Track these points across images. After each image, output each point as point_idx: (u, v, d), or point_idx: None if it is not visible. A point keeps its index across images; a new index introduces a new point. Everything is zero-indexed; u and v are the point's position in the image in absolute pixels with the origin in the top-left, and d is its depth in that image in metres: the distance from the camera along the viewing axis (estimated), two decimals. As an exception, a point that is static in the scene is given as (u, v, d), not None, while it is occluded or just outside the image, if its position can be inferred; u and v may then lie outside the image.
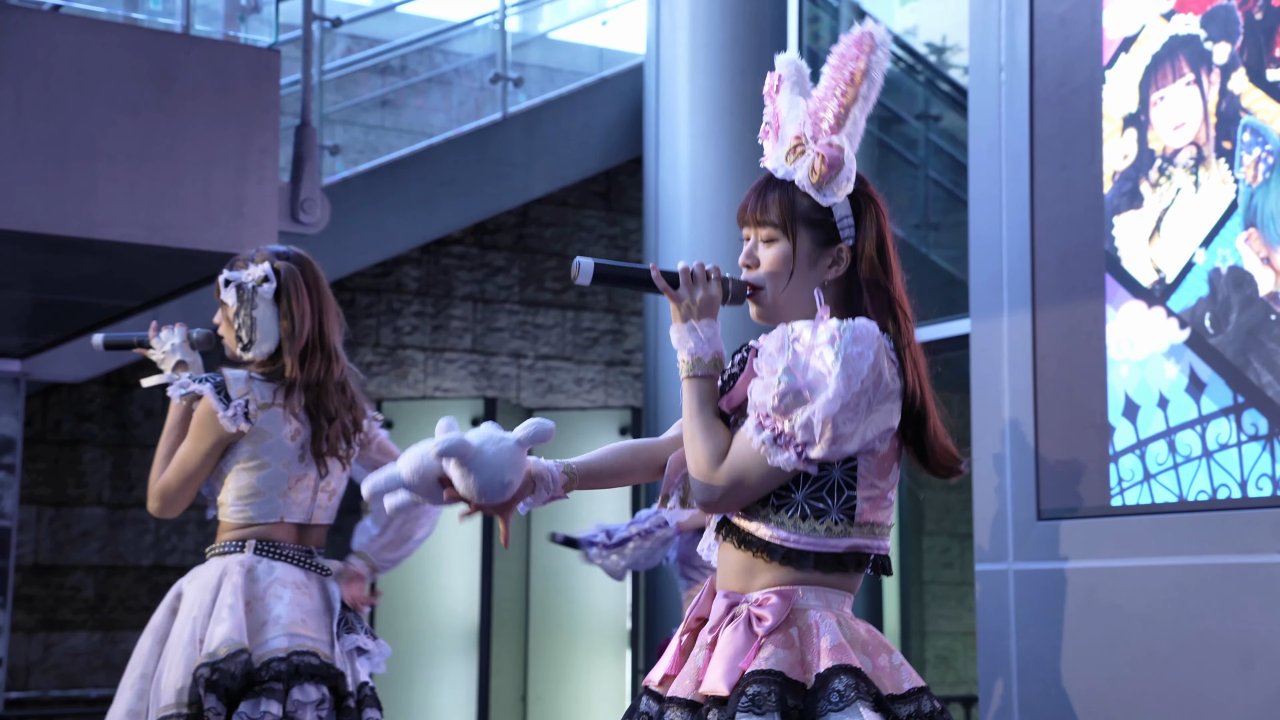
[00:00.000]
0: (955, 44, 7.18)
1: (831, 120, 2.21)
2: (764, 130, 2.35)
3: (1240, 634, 3.83)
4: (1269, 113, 3.88)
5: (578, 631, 7.51)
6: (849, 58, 2.22)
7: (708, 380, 2.18)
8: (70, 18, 5.18)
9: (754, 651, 2.09)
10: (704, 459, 2.14)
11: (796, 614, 2.13)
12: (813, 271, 2.22)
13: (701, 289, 2.17)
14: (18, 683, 7.16)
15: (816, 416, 2.06)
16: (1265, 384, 3.83)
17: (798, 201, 2.22)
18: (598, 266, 2.15)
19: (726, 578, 2.21)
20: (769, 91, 2.36)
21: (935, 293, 6.77)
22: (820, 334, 2.09)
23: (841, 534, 2.15)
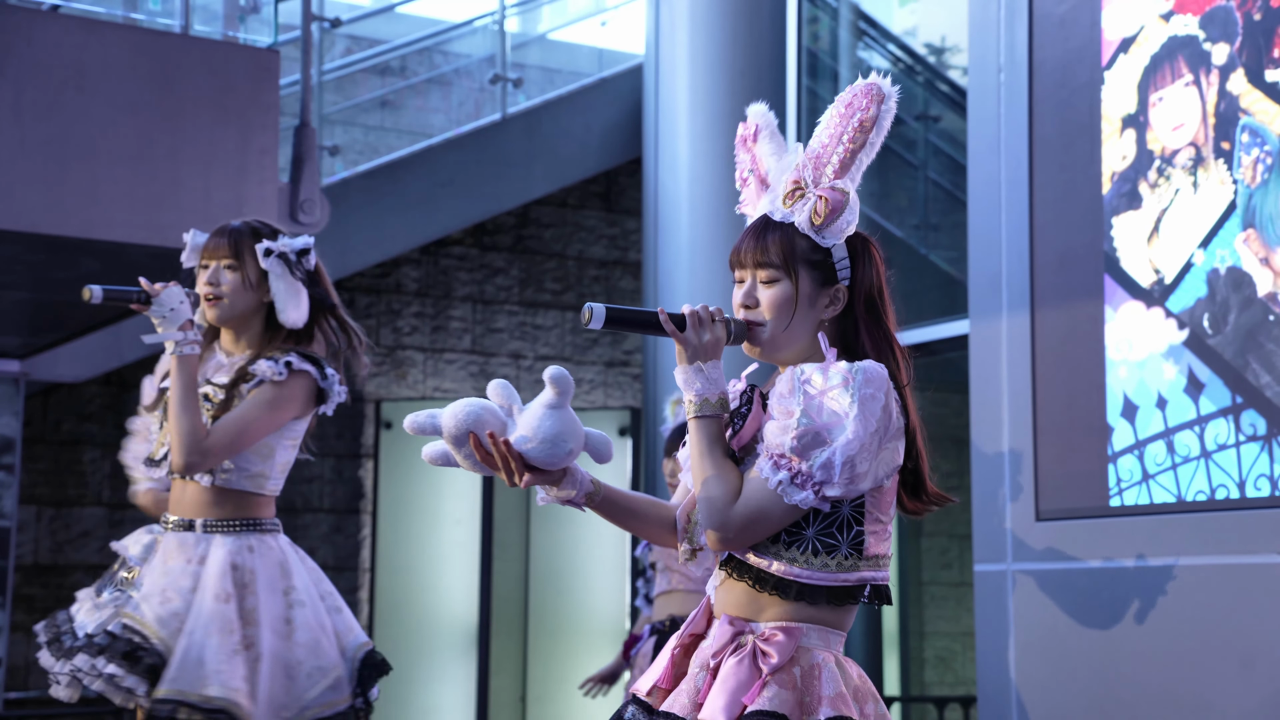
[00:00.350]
0: (954, 45, 7.18)
1: (837, 165, 2.27)
2: (742, 178, 2.41)
3: (1239, 634, 3.83)
4: (1268, 113, 3.89)
5: (577, 632, 7.51)
6: (859, 106, 2.28)
7: (715, 420, 2.23)
8: (70, 18, 5.18)
9: (758, 688, 2.13)
10: (719, 498, 2.17)
11: (800, 653, 2.18)
12: (812, 311, 2.27)
13: (708, 332, 2.22)
14: (17, 683, 7.16)
15: (837, 457, 2.11)
16: (1264, 385, 3.84)
17: (797, 243, 2.26)
18: (609, 311, 2.21)
19: (729, 605, 2.25)
20: (745, 139, 2.41)
21: (934, 293, 6.77)
22: (833, 377, 2.15)
23: (851, 568, 2.21)
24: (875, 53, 7.48)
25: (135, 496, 3.84)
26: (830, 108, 2.31)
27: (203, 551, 3.40)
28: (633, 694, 2.29)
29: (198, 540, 3.41)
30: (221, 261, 3.46)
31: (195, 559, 3.39)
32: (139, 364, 7.46)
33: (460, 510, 7.28)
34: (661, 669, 2.27)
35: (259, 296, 3.45)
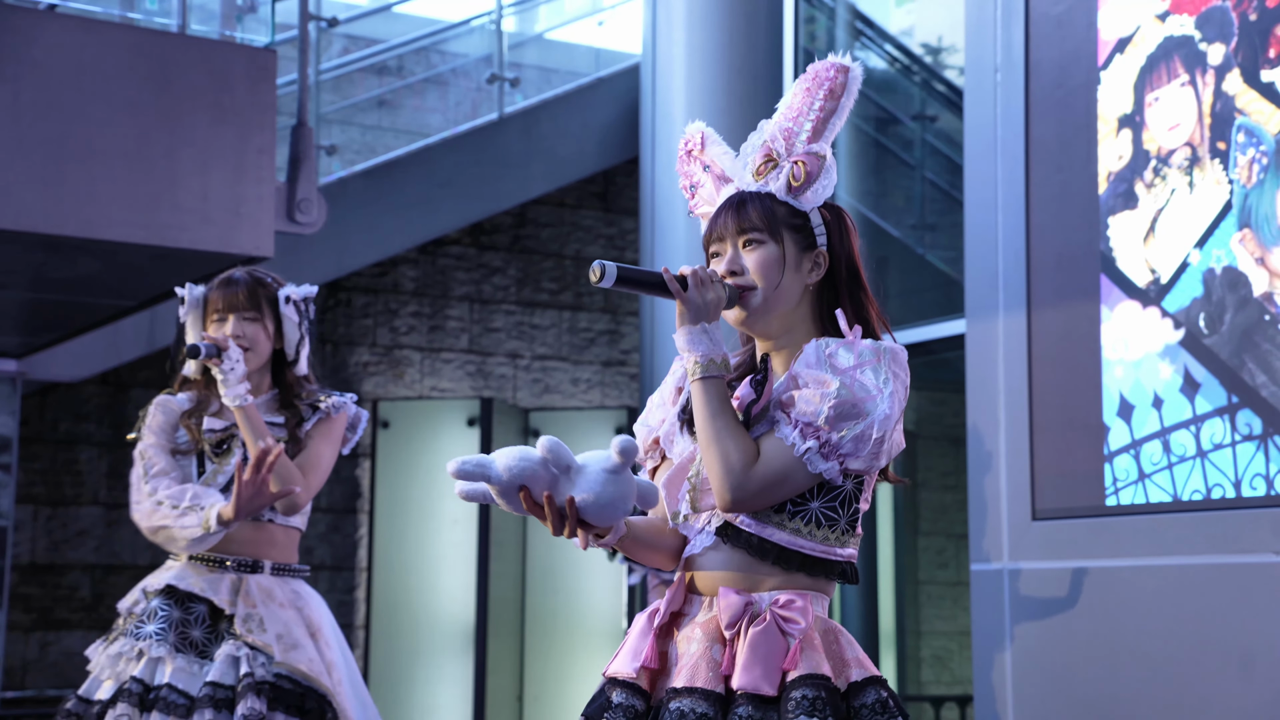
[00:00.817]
0: (951, 45, 7.19)
1: (810, 130, 2.29)
2: (693, 184, 2.43)
3: (1235, 634, 3.84)
4: (1263, 113, 3.89)
5: (574, 631, 7.52)
6: (825, 77, 2.30)
7: (720, 381, 2.21)
8: (67, 17, 5.18)
9: (795, 653, 2.13)
10: (736, 459, 2.16)
11: (815, 618, 2.20)
12: (797, 274, 2.28)
13: (710, 291, 2.21)
14: (14, 682, 7.16)
15: (872, 432, 2.14)
16: (1259, 384, 3.84)
17: (776, 209, 2.28)
18: (619, 269, 2.19)
19: (722, 578, 2.23)
20: (689, 151, 2.44)
21: (931, 293, 6.78)
22: (862, 353, 2.18)
23: (844, 543, 2.24)
24: (872, 52, 7.49)
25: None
26: (793, 86, 2.34)
27: (285, 596, 3.43)
28: (612, 677, 2.25)
29: (280, 583, 3.46)
30: (243, 313, 3.47)
31: (289, 604, 3.43)
32: (136, 364, 7.47)
33: (457, 510, 7.29)
34: (645, 650, 2.23)
35: (270, 345, 3.52)
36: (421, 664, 7.33)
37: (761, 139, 2.33)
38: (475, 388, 8.38)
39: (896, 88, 7.45)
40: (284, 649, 3.32)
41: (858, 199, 7.04)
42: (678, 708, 2.13)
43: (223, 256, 5.18)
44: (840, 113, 2.30)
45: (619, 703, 2.20)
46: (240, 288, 3.49)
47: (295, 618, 3.39)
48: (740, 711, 2.11)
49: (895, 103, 7.37)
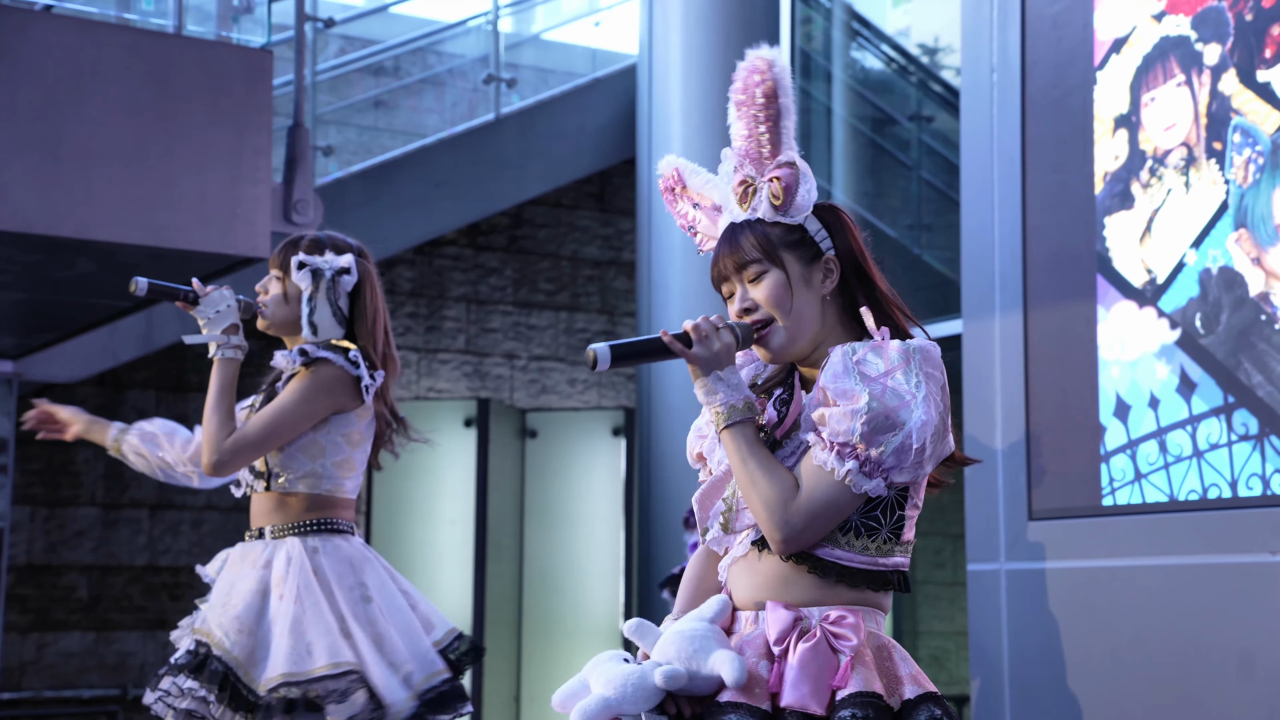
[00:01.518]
0: (948, 45, 7.19)
1: (769, 145, 2.21)
2: (689, 224, 2.38)
3: (1232, 634, 3.84)
4: (1259, 114, 3.89)
5: (571, 631, 7.52)
6: (752, 83, 2.22)
7: (748, 424, 2.14)
8: (63, 18, 5.17)
9: (845, 671, 2.06)
10: (776, 499, 2.08)
11: (867, 635, 2.12)
12: (810, 290, 2.21)
13: (716, 341, 2.15)
14: (11, 683, 7.16)
15: (913, 441, 2.05)
16: (1256, 384, 3.84)
17: (770, 232, 2.21)
18: (613, 350, 2.12)
19: (763, 590, 2.16)
20: (672, 188, 2.37)
21: (928, 293, 6.78)
22: (892, 356, 2.09)
23: (888, 552, 2.15)
24: (868, 53, 7.49)
25: None
26: (730, 107, 2.25)
27: (269, 556, 3.42)
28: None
29: (265, 546, 3.44)
30: (274, 271, 3.54)
31: (261, 564, 3.41)
32: (133, 365, 7.46)
33: (455, 511, 7.28)
34: None
35: (298, 310, 3.49)
36: (419, 664, 7.33)
37: (731, 166, 2.25)
38: (472, 388, 8.38)
39: (893, 88, 7.45)
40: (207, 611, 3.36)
41: (854, 199, 7.05)
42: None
43: (219, 257, 5.18)
44: (786, 112, 2.21)
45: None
46: (281, 247, 3.53)
47: (248, 575, 3.38)
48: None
49: (892, 103, 7.38)
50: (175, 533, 7.57)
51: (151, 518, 7.55)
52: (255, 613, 3.34)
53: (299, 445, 3.43)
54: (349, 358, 3.42)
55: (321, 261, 3.47)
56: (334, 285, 3.47)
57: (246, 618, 3.33)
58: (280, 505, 3.44)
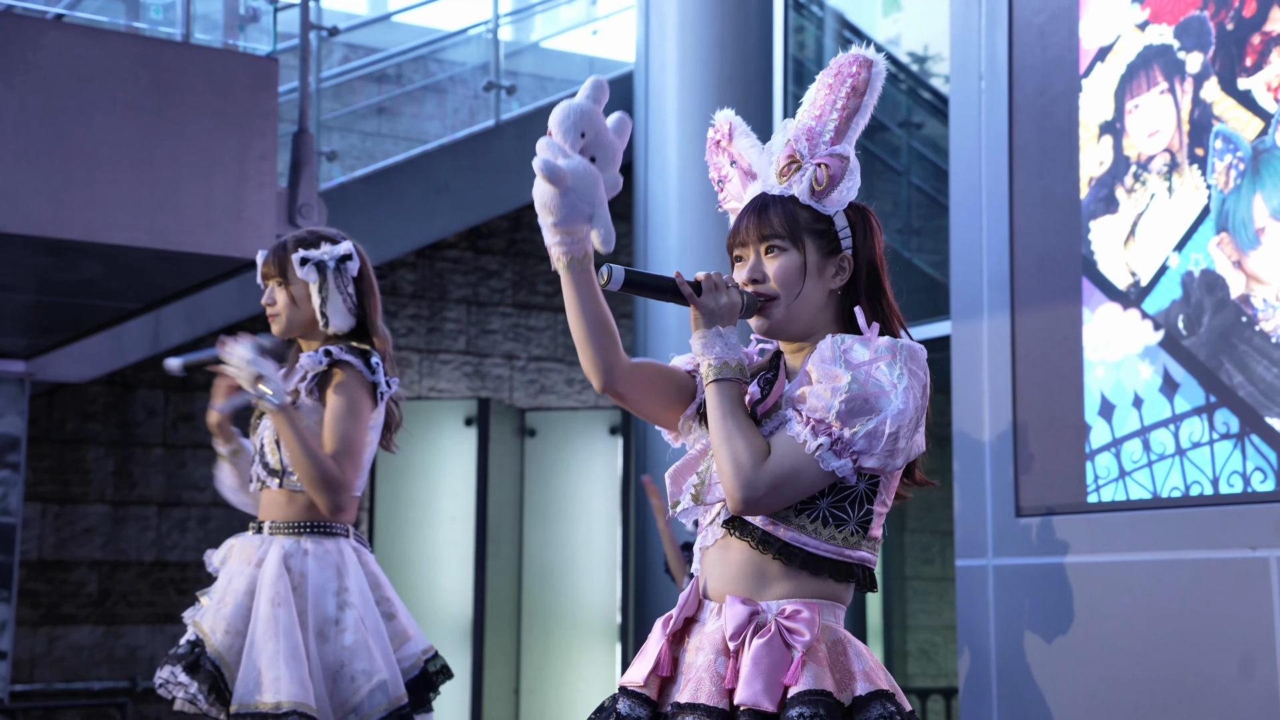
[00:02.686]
0: (937, 53, 7.19)
1: (833, 131, 2.21)
2: (721, 176, 2.36)
3: (1214, 627, 3.84)
4: (1240, 120, 3.90)
5: (569, 625, 7.52)
6: (848, 73, 2.22)
7: (736, 384, 2.13)
8: (73, 27, 5.17)
9: (796, 668, 2.04)
10: (746, 459, 2.07)
11: (822, 629, 2.11)
12: (820, 280, 2.21)
13: (724, 295, 2.15)
14: (22, 675, 7.15)
15: (886, 427, 2.04)
16: (1236, 384, 3.85)
17: (799, 214, 2.20)
18: (628, 274, 2.13)
19: (728, 581, 2.15)
20: (718, 142, 2.36)
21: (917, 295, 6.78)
22: (879, 349, 2.09)
23: (855, 545, 2.14)
24: (859, 61, 7.49)
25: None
26: (815, 83, 2.25)
27: (262, 554, 3.41)
28: (623, 686, 2.19)
29: (261, 542, 3.43)
30: (273, 280, 3.50)
31: (254, 561, 3.40)
32: (141, 365, 7.46)
33: (456, 508, 7.29)
34: (656, 657, 2.17)
35: (311, 307, 3.46)
36: (420, 658, 7.33)
37: (785, 138, 2.24)
38: (472, 388, 8.38)
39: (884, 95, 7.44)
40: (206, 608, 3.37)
41: (846, 203, 7.04)
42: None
43: (225, 260, 5.18)
44: (864, 111, 2.22)
45: (624, 714, 2.14)
46: (272, 254, 3.50)
47: (242, 573, 3.38)
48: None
49: (882, 110, 7.37)
50: (183, 529, 7.56)
51: (159, 514, 7.55)
52: (244, 614, 3.34)
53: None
54: (369, 363, 3.42)
55: (321, 253, 3.45)
56: (340, 273, 3.45)
57: (236, 619, 3.33)
58: (288, 501, 3.44)
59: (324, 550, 3.40)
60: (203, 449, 7.53)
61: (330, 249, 3.46)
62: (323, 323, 3.43)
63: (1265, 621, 3.70)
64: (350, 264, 3.45)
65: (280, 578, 3.33)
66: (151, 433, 7.57)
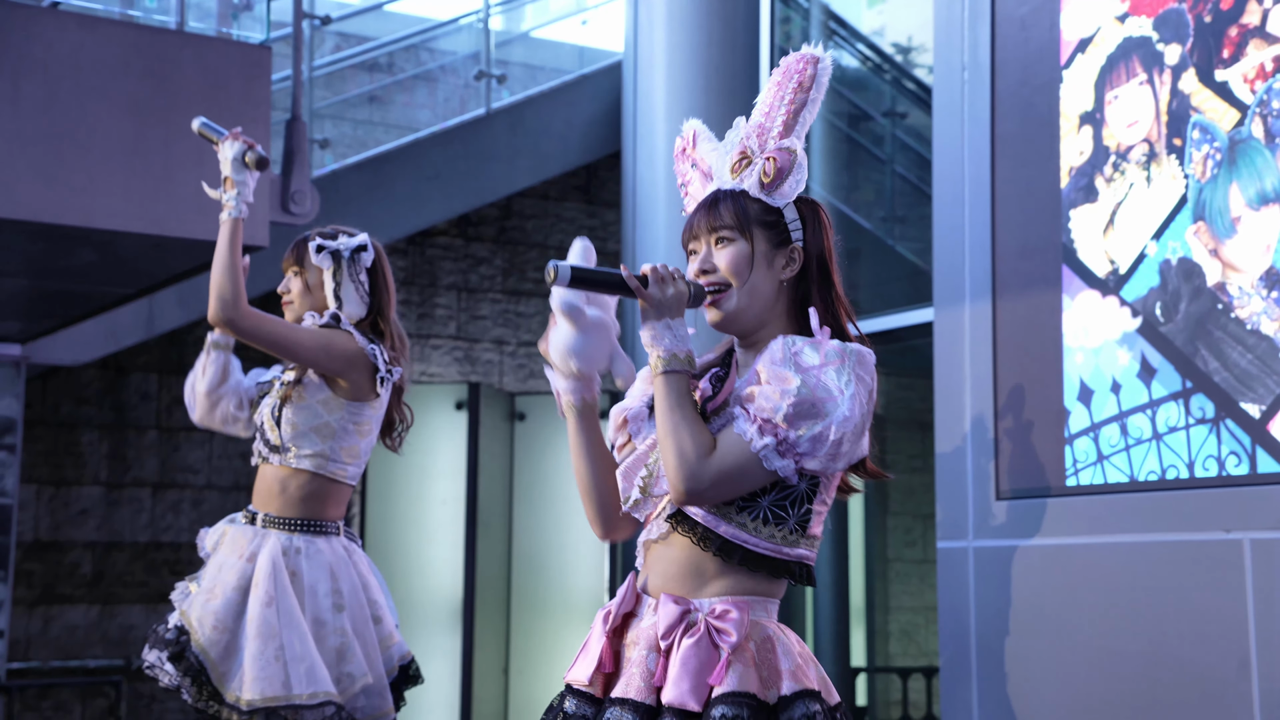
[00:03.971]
0: (920, 45, 7.19)
1: (781, 126, 2.22)
2: (684, 181, 2.37)
3: (1189, 607, 3.86)
4: (1217, 111, 3.90)
5: (557, 608, 7.53)
6: (795, 70, 2.24)
7: (684, 376, 2.13)
8: (68, 15, 5.15)
9: (722, 668, 2.04)
10: (691, 451, 2.07)
11: (752, 627, 2.11)
12: (770, 271, 2.21)
13: (671, 287, 2.14)
14: (18, 654, 7.15)
15: (831, 433, 2.05)
16: (1212, 370, 3.86)
17: (749, 207, 2.22)
18: (574, 270, 2.12)
19: (668, 579, 2.15)
20: (683, 150, 2.38)
21: (901, 283, 6.79)
22: (828, 353, 2.09)
23: (794, 543, 2.14)
24: (845, 52, 7.49)
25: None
26: (766, 84, 2.27)
27: (255, 548, 3.40)
28: (568, 684, 2.19)
29: (254, 535, 3.42)
30: (290, 270, 3.56)
31: (246, 555, 3.39)
32: (135, 349, 7.44)
33: (446, 490, 7.28)
34: (598, 653, 2.17)
35: (324, 294, 3.49)
36: (412, 638, 7.33)
37: (738, 135, 2.26)
38: (463, 373, 8.38)
39: (868, 86, 7.45)
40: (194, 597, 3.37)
41: (831, 192, 7.05)
42: (609, 717, 2.07)
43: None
44: (811, 105, 2.23)
45: (571, 713, 2.14)
46: (292, 246, 3.56)
47: (234, 566, 3.38)
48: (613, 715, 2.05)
49: (867, 100, 7.38)
50: (176, 511, 7.55)
51: (153, 497, 7.54)
52: (234, 610, 3.34)
53: (313, 425, 3.42)
54: (371, 349, 3.43)
55: (338, 243, 3.49)
56: (354, 262, 3.48)
57: (224, 615, 3.33)
58: (282, 488, 3.43)
59: (317, 549, 3.41)
60: (196, 432, 7.52)
61: (346, 240, 3.50)
62: (335, 305, 3.46)
63: (1238, 601, 3.72)
64: (364, 255, 3.50)
65: (271, 576, 3.34)
66: (145, 416, 7.55)
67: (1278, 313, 3.71)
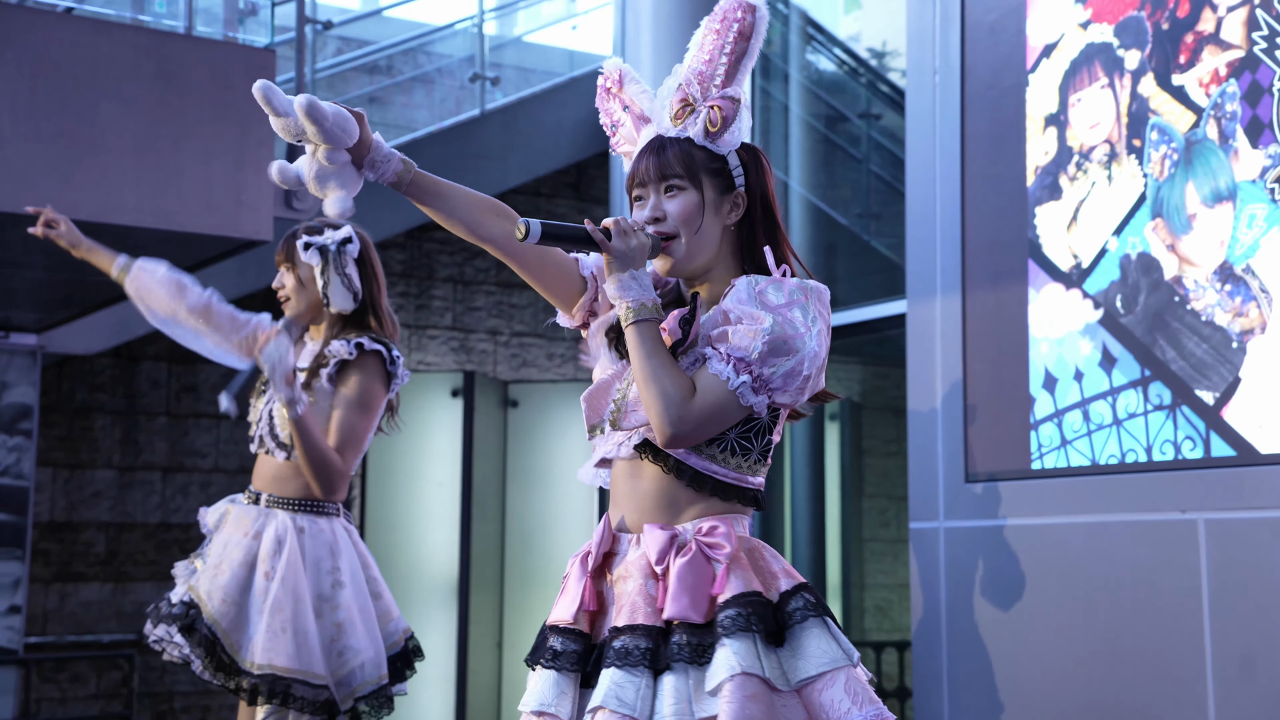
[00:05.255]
0: (894, 50, 7.20)
1: (723, 74, 2.19)
2: (613, 121, 2.32)
3: (1147, 583, 3.88)
4: (1174, 114, 3.93)
5: (548, 584, 7.54)
6: (733, 18, 2.19)
7: (654, 324, 2.09)
8: (81, 19, 5.14)
9: (723, 578, 2.04)
10: (675, 394, 2.04)
11: (739, 540, 2.10)
12: (716, 217, 2.18)
13: (634, 238, 2.11)
14: (36, 628, 7.15)
15: (804, 368, 2.05)
16: (1169, 359, 3.89)
17: (695, 154, 2.18)
18: (544, 225, 2.08)
19: (643, 513, 2.13)
20: (607, 90, 2.33)
21: (875, 276, 6.80)
22: (791, 291, 2.09)
23: (756, 471, 2.15)
24: (822, 55, 7.50)
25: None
26: (700, 29, 2.22)
27: (260, 526, 3.39)
28: (553, 625, 2.15)
29: (259, 514, 3.41)
30: (282, 266, 3.52)
31: (252, 533, 3.38)
32: (146, 338, 7.44)
33: (443, 474, 7.29)
34: (580, 594, 2.14)
35: (316, 290, 3.47)
36: (410, 614, 7.34)
37: (676, 82, 2.21)
38: (459, 362, 8.38)
39: (844, 88, 7.46)
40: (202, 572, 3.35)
41: (809, 190, 7.06)
42: (621, 645, 2.03)
43: (225, 240, 5.17)
44: (751, 54, 2.19)
45: (558, 650, 2.11)
46: (281, 243, 3.52)
47: (239, 543, 3.38)
48: (676, 639, 2.01)
49: (843, 102, 7.38)
50: (185, 493, 7.55)
51: (163, 479, 7.53)
52: (240, 585, 3.33)
53: (325, 427, 3.41)
54: (392, 356, 3.43)
55: (324, 238, 3.46)
56: (340, 256, 3.45)
57: (232, 589, 3.32)
58: (291, 475, 3.43)
59: (319, 529, 3.41)
60: (205, 418, 7.52)
61: (331, 234, 3.47)
62: (326, 302, 3.44)
63: (1193, 577, 3.74)
64: (350, 247, 3.46)
65: (276, 554, 3.34)
66: (155, 402, 7.55)
67: (1231, 305, 3.73)
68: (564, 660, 2.10)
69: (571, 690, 2.09)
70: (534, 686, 2.12)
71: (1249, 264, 3.69)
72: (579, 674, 2.10)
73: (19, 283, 5.83)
